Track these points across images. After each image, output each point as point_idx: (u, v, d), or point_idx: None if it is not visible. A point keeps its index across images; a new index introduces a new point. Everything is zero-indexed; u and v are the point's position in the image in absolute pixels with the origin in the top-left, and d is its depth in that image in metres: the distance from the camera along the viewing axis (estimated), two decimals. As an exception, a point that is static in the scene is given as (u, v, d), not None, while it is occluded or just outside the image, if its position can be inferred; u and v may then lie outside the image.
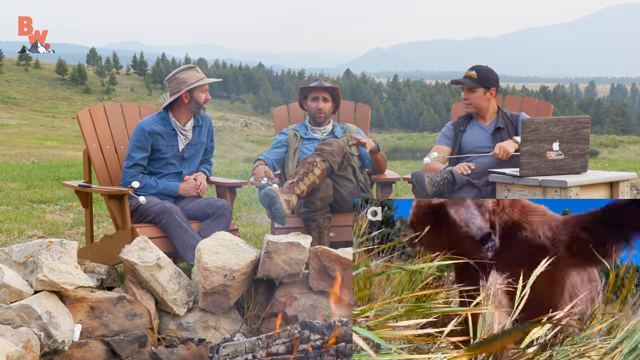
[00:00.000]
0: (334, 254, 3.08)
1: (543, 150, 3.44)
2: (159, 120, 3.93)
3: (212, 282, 3.02)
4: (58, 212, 6.15)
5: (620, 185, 3.57)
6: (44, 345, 2.50)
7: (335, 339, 2.71)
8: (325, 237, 3.90)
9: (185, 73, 3.89)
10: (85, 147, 4.04)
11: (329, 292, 3.11)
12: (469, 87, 3.95)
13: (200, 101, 3.90)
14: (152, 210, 3.69)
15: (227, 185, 4.09)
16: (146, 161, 3.90)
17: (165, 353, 2.81)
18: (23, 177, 9.19)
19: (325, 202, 3.91)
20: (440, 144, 4.12)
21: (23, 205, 6.48)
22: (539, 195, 3.38)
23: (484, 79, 3.93)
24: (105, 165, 4.04)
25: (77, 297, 2.78)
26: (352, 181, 4.05)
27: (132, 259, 3.01)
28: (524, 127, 3.41)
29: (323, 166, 3.86)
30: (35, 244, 2.81)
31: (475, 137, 4.04)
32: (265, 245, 3.10)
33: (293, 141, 4.34)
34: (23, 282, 2.67)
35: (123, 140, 4.15)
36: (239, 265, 3.06)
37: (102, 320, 2.77)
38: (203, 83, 3.88)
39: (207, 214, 3.81)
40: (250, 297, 3.17)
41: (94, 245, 3.89)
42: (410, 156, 29.69)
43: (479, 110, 4.02)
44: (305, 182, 3.79)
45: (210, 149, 4.17)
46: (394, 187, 4.74)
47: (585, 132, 3.53)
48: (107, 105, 4.19)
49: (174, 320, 3.06)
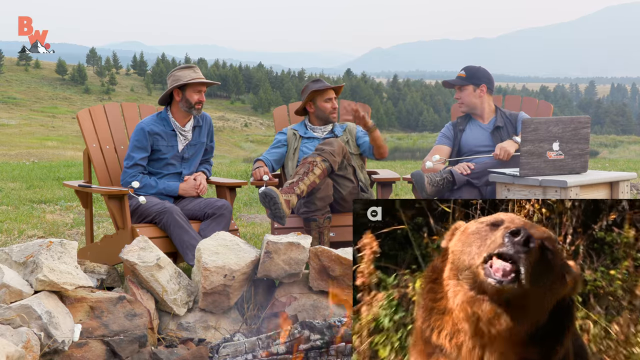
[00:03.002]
0: (334, 254, 3.08)
1: (543, 150, 3.44)
2: (158, 121, 3.93)
3: (212, 282, 3.02)
4: (58, 212, 6.15)
5: (620, 185, 3.58)
6: (44, 345, 2.50)
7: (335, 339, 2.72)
8: (325, 237, 3.90)
9: (181, 71, 3.89)
10: (85, 147, 4.04)
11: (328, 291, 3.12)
12: (459, 86, 4.01)
13: (191, 101, 3.87)
14: (152, 210, 3.69)
15: (227, 185, 4.09)
16: (146, 161, 3.90)
17: (165, 353, 2.81)
18: (23, 177, 9.19)
19: (325, 202, 3.91)
20: (440, 144, 4.12)
21: (23, 205, 6.48)
22: (539, 195, 3.38)
23: (473, 77, 3.99)
24: (105, 165, 4.04)
25: (77, 297, 2.78)
26: (352, 181, 4.06)
27: (132, 259, 3.01)
28: (524, 127, 3.41)
29: (323, 166, 3.86)
30: (35, 244, 2.81)
31: (474, 136, 4.04)
32: (265, 245, 3.10)
33: (292, 141, 4.34)
34: (23, 282, 2.67)
35: (123, 140, 4.15)
36: (239, 265, 3.06)
37: (102, 320, 2.77)
38: (193, 81, 3.83)
39: (207, 214, 3.81)
40: (250, 297, 3.17)
41: (94, 245, 3.89)
42: (410, 156, 29.70)
43: (472, 108, 4.05)
44: (305, 182, 3.79)
45: (210, 149, 4.17)
46: (393, 187, 4.74)
47: (585, 132, 3.53)
48: (107, 106, 4.19)
49: (174, 320, 3.06)
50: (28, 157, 24.47)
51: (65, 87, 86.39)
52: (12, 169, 10.82)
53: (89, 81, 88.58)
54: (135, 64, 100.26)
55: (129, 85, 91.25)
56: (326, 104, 4.30)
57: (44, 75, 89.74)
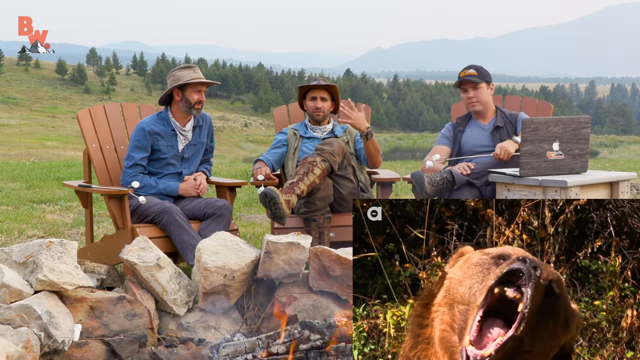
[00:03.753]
0: (334, 254, 3.08)
1: (543, 150, 3.44)
2: (159, 121, 3.93)
3: (212, 282, 3.02)
4: (58, 212, 6.15)
5: (620, 185, 3.58)
6: (44, 345, 2.50)
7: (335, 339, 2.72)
8: (325, 237, 3.90)
9: (181, 71, 3.89)
10: (85, 147, 4.04)
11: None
12: (474, 83, 3.94)
13: (191, 101, 3.87)
14: (152, 210, 3.69)
15: (227, 185, 4.09)
16: (146, 161, 3.90)
17: (165, 353, 2.81)
18: (23, 177, 9.19)
19: (325, 202, 3.91)
20: (439, 144, 4.12)
21: (23, 205, 6.48)
22: (539, 195, 3.38)
23: (484, 75, 3.97)
24: (105, 165, 4.04)
25: (77, 297, 2.78)
26: (352, 181, 4.05)
27: (132, 259, 3.01)
28: (524, 127, 3.41)
29: (323, 166, 3.86)
30: (35, 244, 2.81)
31: (474, 137, 4.04)
32: (265, 245, 3.10)
33: (293, 140, 4.34)
34: (23, 282, 2.67)
35: (123, 140, 4.15)
36: (239, 265, 3.06)
37: (102, 320, 2.77)
38: (193, 81, 3.83)
39: (207, 214, 3.81)
40: (250, 297, 3.17)
41: (94, 245, 3.89)
42: (410, 156, 29.71)
43: (486, 105, 4.01)
44: (306, 182, 3.79)
45: (210, 149, 4.17)
46: (393, 187, 4.74)
47: (585, 132, 3.53)
48: (107, 105, 4.19)
49: (174, 320, 3.06)
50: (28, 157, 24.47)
51: (65, 87, 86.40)
52: (12, 169, 10.82)
53: (89, 81, 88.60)
54: (135, 64, 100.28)
55: (129, 85, 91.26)
56: (310, 103, 4.30)
57: (44, 75, 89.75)
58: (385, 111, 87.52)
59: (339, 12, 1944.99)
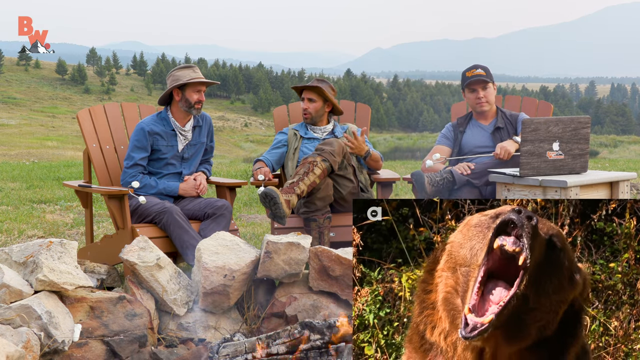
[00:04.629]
0: (334, 254, 3.08)
1: (543, 150, 3.44)
2: (158, 121, 3.93)
3: (212, 282, 3.02)
4: (58, 212, 6.15)
5: (620, 185, 3.58)
6: (44, 345, 2.50)
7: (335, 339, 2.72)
8: (325, 237, 3.90)
9: (181, 71, 3.89)
10: (85, 147, 4.04)
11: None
12: (485, 83, 3.94)
13: (191, 100, 3.87)
14: (152, 210, 3.69)
15: (227, 185, 4.09)
16: (146, 161, 3.89)
17: (165, 353, 2.81)
18: (23, 177, 9.19)
19: (325, 202, 3.91)
20: (440, 144, 4.12)
21: (23, 205, 6.48)
22: (539, 195, 3.38)
23: (490, 75, 3.98)
24: (105, 165, 4.04)
25: (77, 297, 2.78)
26: (352, 181, 4.05)
27: (132, 259, 3.01)
28: (524, 127, 3.41)
29: (323, 166, 3.86)
30: (35, 244, 2.81)
31: (475, 137, 4.04)
32: (265, 245, 3.10)
33: (293, 141, 4.34)
34: (23, 282, 2.67)
35: (123, 140, 4.15)
36: (239, 265, 3.06)
37: (102, 320, 2.77)
38: (193, 81, 3.83)
39: (207, 214, 3.81)
40: (250, 297, 3.17)
41: (94, 245, 3.89)
42: (410, 156, 29.70)
43: (492, 105, 4.02)
44: (306, 182, 3.79)
45: (210, 149, 4.17)
46: (394, 187, 4.74)
47: (585, 132, 3.53)
48: (107, 105, 4.19)
49: (174, 320, 3.06)
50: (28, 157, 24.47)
51: (65, 87, 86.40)
52: (12, 169, 10.82)
53: (89, 81, 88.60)
54: (135, 64, 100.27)
55: (129, 85, 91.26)
56: (300, 104, 4.31)
57: (44, 75, 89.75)
58: (385, 111, 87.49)
59: (339, 12, 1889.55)
